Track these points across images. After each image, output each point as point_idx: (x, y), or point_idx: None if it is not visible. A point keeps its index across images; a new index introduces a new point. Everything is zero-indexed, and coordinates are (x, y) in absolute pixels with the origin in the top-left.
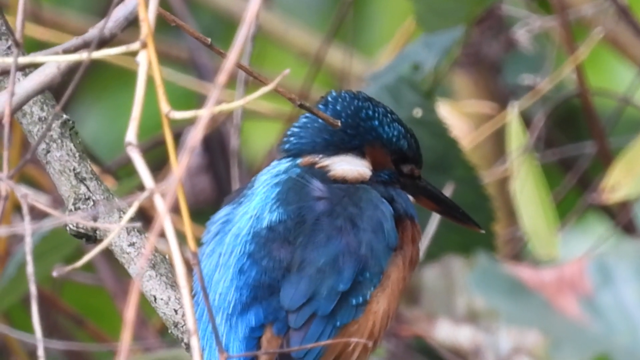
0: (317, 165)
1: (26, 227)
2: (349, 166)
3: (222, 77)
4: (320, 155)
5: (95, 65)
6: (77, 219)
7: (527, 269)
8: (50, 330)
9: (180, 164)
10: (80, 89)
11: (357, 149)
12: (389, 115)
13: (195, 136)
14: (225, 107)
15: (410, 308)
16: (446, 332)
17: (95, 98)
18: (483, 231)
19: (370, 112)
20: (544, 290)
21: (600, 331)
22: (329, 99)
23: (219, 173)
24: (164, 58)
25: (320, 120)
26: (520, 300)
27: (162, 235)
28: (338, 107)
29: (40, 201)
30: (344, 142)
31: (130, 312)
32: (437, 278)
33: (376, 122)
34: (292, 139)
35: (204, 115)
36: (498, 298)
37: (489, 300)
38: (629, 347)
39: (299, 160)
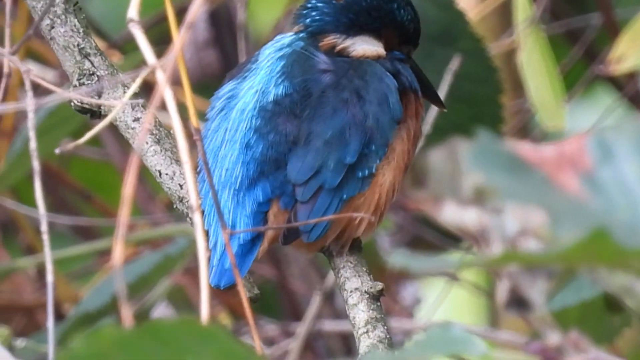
0: (338, 47)
1: (29, 103)
2: (369, 46)
3: None
4: (344, 36)
5: None
6: (79, 96)
7: (527, 146)
8: (57, 206)
9: (180, 38)
10: None
11: (376, 31)
12: None
13: (193, 11)
14: None
15: (416, 190)
16: (452, 214)
17: None
18: (445, 110)
19: None
20: (544, 166)
21: (601, 207)
22: None
23: (226, 47)
24: None
25: None
26: (520, 177)
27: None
28: None
29: (44, 77)
30: (367, 24)
31: (128, 189)
32: (443, 160)
33: (395, 5)
34: (313, 13)
35: None
36: (497, 175)
37: (488, 176)
38: (629, 221)
39: (320, 42)
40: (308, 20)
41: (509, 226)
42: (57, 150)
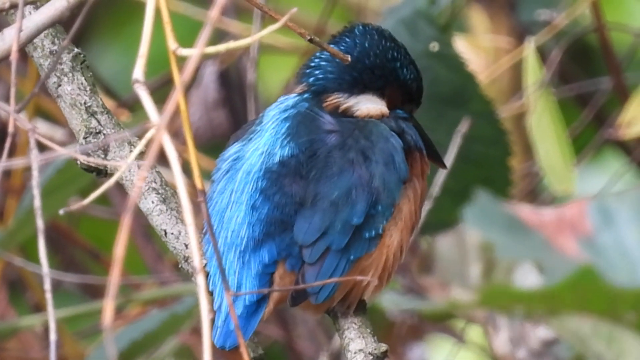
0: (342, 107)
1: (33, 161)
2: (373, 105)
3: (214, 12)
4: (346, 95)
5: (113, 0)
6: (83, 157)
7: (527, 209)
8: (66, 264)
9: (173, 99)
10: (98, 25)
11: (380, 89)
12: (407, 56)
13: (187, 74)
14: (233, 44)
15: (424, 276)
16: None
17: (115, 33)
18: (446, 168)
19: (395, 54)
20: (543, 229)
21: (600, 269)
22: (357, 32)
23: (236, 107)
24: None
25: (348, 56)
26: (518, 237)
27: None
28: (367, 44)
29: (52, 135)
30: (370, 82)
31: (120, 249)
32: (451, 247)
33: (398, 64)
34: (317, 72)
35: (194, 55)
36: (495, 233)
37: (486, 234)
38: (628, 285)
39: (324, 102)
40: (311, 79)
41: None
42: (61, 211)
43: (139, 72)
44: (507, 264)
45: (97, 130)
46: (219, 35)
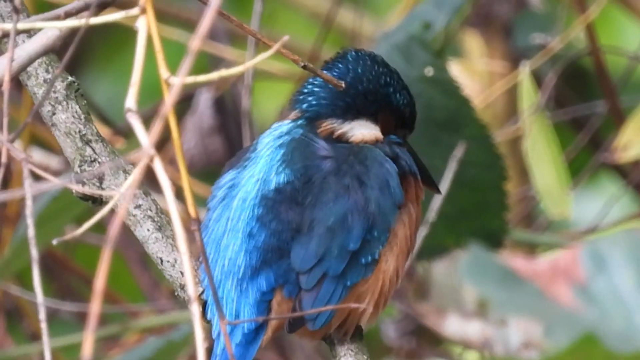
0: (336, 133)
1: (27, 190)
2: (367, 130)
3: (196, 42)
4: (340, 120)
5: (107, 28)
6: (74, 186)
7: (520, 259)
8: (62, 293)
9: (160, 128)
10: (92, 53)
11: (373, 115)
12: (400, 82)
13: (169, 102)
14: (226, 72)
15: (420, 303)
16: (455, 327)
17: (108, 61)
18: (441, 194)
19: (388, 79)
20: (537, 279)
21: (595, 317)
22: (349, 58)
23: (231, 134)
24: (173, 20)
25: (342, 82)
26: (513, 289)
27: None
28: (359, 70)
29: (47, 163)
30: (364, 108)
31: (100, 281)
32: (446, 273)
33: (391, 90)
34: (310, 98)
35: (177, 83)
36: (490, 287)
37: (481, 289)
38: (623, 332)
39: (318, 128)
40: (305, 105)
41: (513, 338)
42: (54, 241)
43: (131, 100)
44: None
45: (92, 159)
46: (213, 62)
